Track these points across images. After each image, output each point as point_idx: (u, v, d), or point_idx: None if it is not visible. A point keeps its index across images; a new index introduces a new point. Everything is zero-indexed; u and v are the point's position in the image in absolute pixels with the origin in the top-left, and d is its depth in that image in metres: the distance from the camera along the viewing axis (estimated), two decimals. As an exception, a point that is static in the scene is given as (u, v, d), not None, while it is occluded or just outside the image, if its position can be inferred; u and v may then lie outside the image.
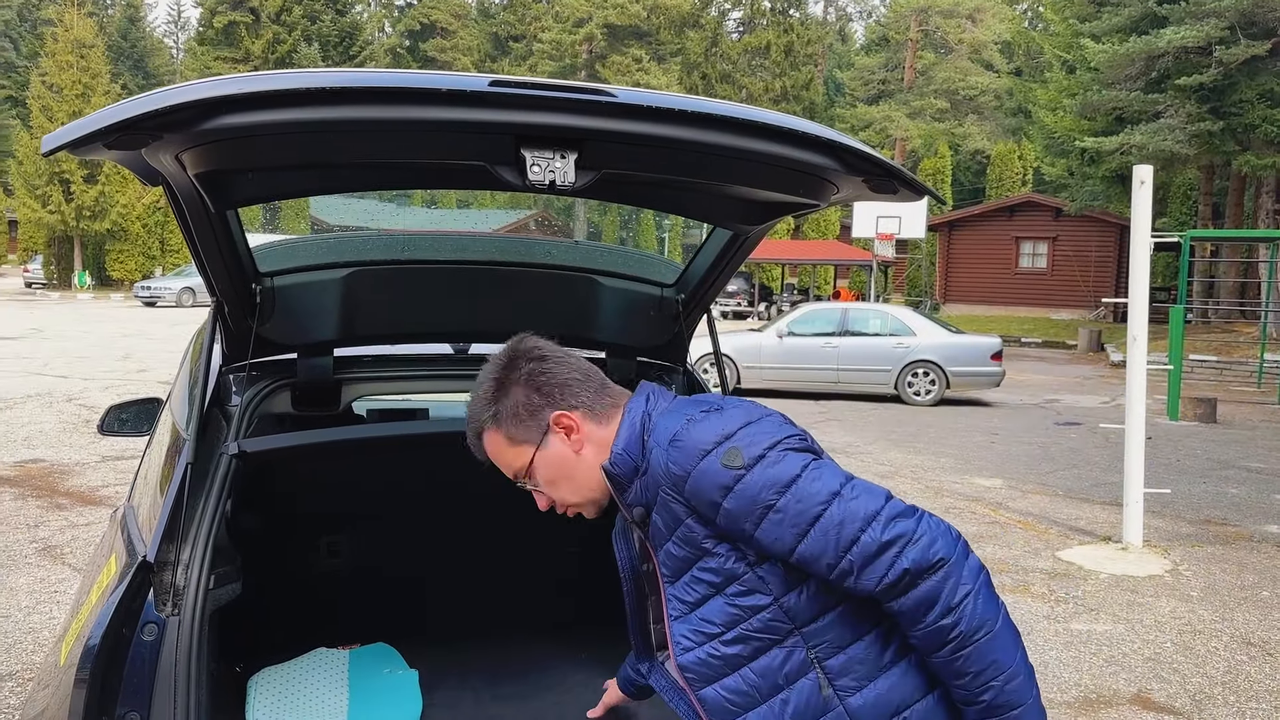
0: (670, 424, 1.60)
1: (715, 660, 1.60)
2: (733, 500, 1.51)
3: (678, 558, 1.61)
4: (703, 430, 1.55)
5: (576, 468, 1.70)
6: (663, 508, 1.60)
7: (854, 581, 1.48)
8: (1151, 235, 7.33)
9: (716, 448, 1.53)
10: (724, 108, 1.87)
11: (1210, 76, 22.86)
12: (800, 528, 1.49)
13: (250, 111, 1.64)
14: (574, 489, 1.72)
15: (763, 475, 1.51)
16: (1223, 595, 6.25)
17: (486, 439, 1.74)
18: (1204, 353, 21.89)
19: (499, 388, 1.73)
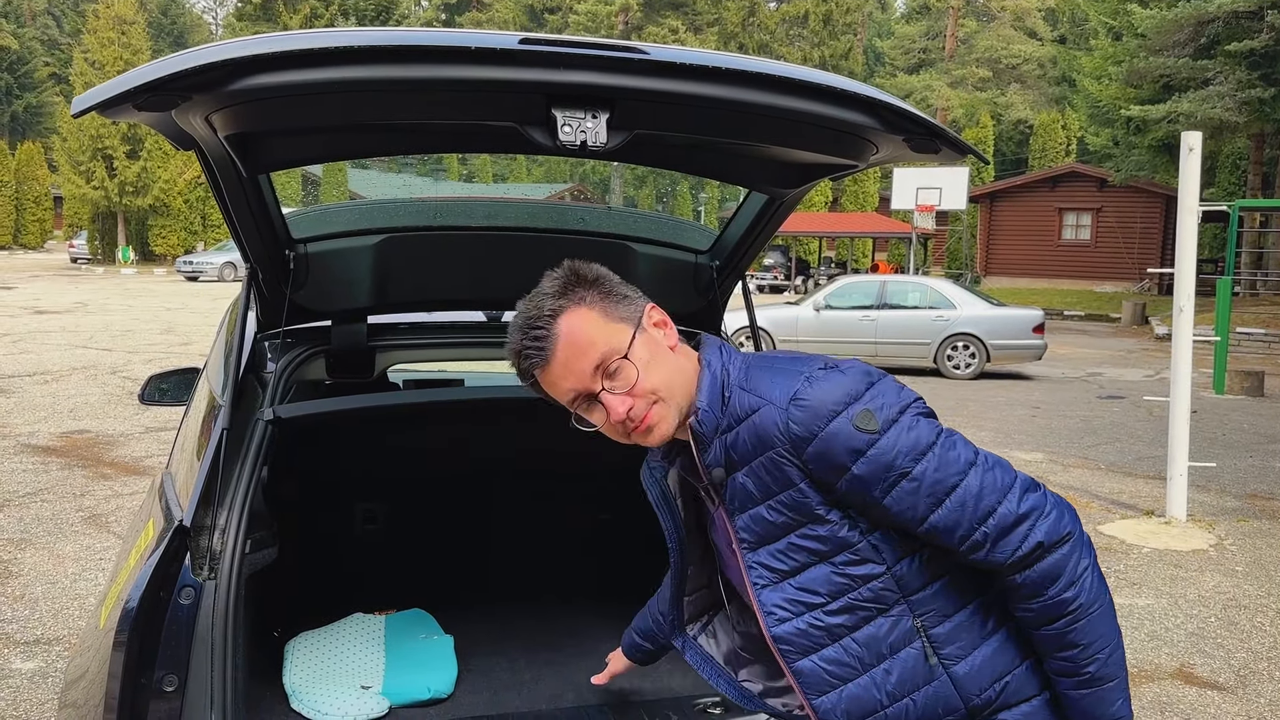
0: (783, 382, 1.49)
1: (817, 631, 1.52)
2: (864, 465, 1.43)
3: (772, 523, 1.51)
4: (828, 389, 1.46)
5: (674, 363, 1.55)
6: (765, 470, 1.49)
7: (985, 554, 1.44)
8: (1199, 204, 7.16)
9: (846, 409, 1.44)
10: (760, 64, 1.82)
11: (1262, 41, 22.25)
12: (936, 497, 1.43)
13: (279, 71, 1.62)
14: (668, 385, 1.53)
15: (898, 440, 1.44)
16: (1268, 570, 6.14)
17: (570, 322, 1.50)
18: (1252, 325, 21.44)
19: (575, 280, 1.55)
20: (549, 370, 1.51)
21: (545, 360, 1.50)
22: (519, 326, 1.53)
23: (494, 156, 50.56)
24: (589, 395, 1.51)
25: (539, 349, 1.50)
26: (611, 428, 1.54)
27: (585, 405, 1.53)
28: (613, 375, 1.50)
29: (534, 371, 1.52)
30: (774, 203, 2.59)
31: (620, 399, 1.50)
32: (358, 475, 3.21)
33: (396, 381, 3.68)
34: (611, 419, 1.51)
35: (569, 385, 1.51)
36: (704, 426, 1.53)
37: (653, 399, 1.51)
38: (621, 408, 1.50)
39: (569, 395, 1.53)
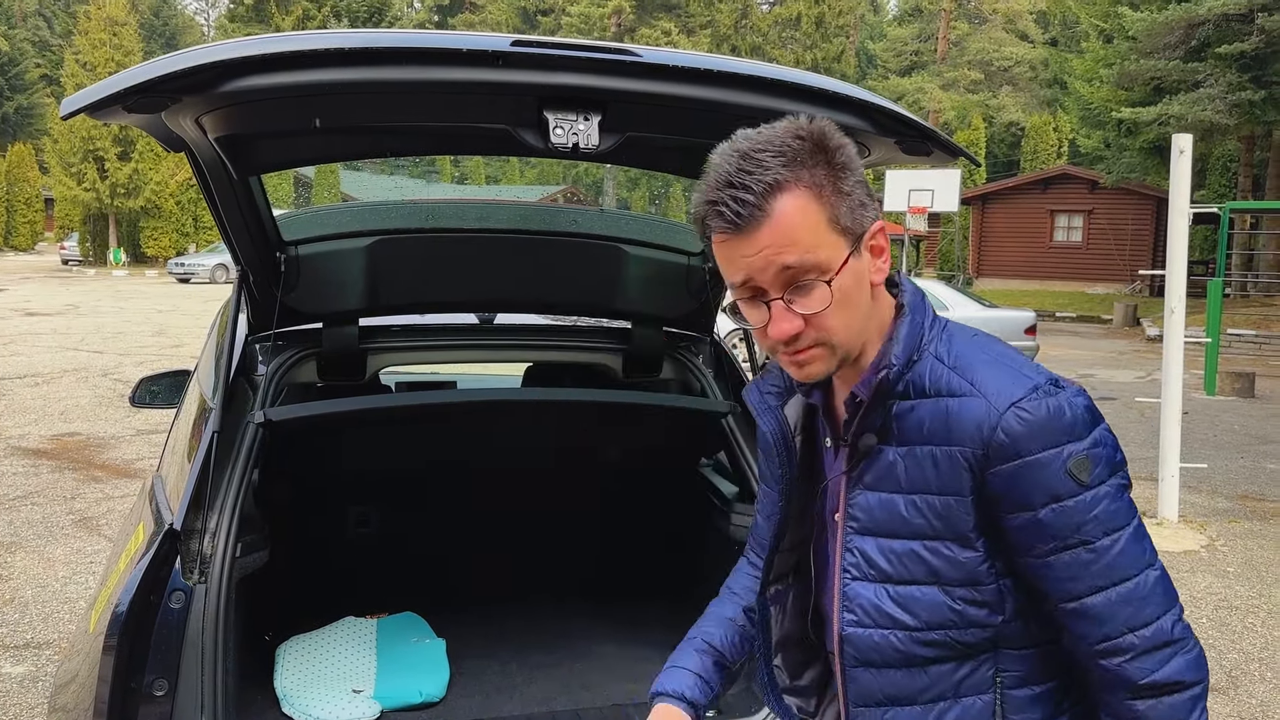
0: (1005, 380, 1.26)
1: (894, 651, 1.33)
2: (1053, 514, 1.23)
3: (904, 519, 1.30)
4: (1056, 414, 1.23)
5: (867, 305, 1.30)
6: (934, 462, 1.27)
7: (1118, 663, 1.26)
8: (1190, 206, 7.18)
9: (1066, 445, 1.23)
10: (751, 67, 1.83)
11: (1252, 44, 22.33)
12: (1105, 581, 1.25)
13: (270, 73, 1.62)
14: (848, 329, 1.28)
15: (1098, 504, 1.24)
16: (1260, 571, 6.15)
17: (790, 204, 1.21)
18: (1242, 327, 21.51)
19: (818, 153, 1.23)
20: (735, 240, 1.23)
21: (736, 229, 1.22)
22: (726, 174, 1.22)
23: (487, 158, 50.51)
24: (760, 292, 1.26)
25: (736, 214, 1.21)
26: (763, 335, 1.29)
27: (750, 298, 1.27)
28: (800, 290, 1.23)
29: (713, 230, 1.25)
30: (766, 205, 2.59)
31: (791, 319, 1.24)
32: (349, 478, 3.20)
33: (389, 384, 3.67)
34: (772, 332, 1.26)
35: (745, 269, 1.24)
36: (889, 385, 1.29)
37: (825, 338, 1.26)
38: (788, 328, 1.25)
39: (738, 277, 1.26)
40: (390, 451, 3.08)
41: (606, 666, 2.85)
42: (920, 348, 1.31)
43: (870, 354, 1.32)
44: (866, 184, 1.28)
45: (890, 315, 1.34)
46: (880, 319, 1.33)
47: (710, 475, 3.16)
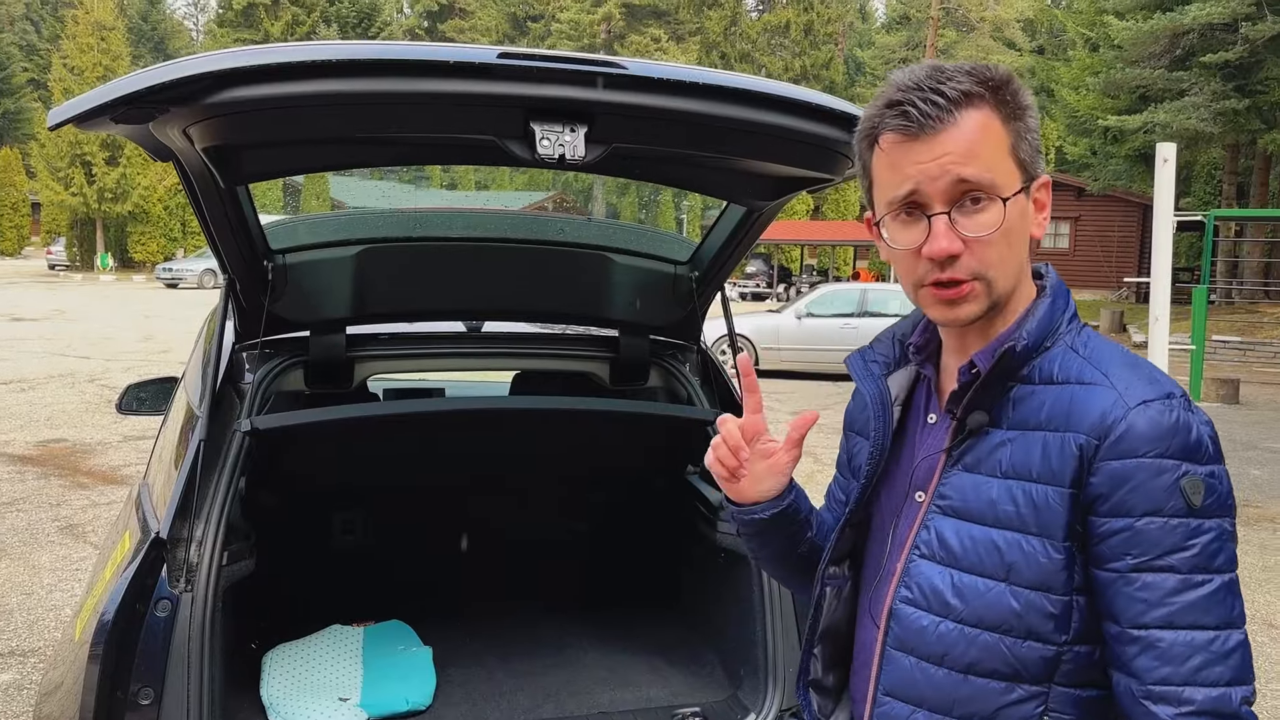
0: (1139, 378, 1.20)
1: (940, 643, 1.25)
2: (1150, 526, 1.14)
3: (993, 503, 1.22)
4: (1184, 427, 1.16)
5: (1023, 255, 1.25)
6: (1044, 448, 1.20)
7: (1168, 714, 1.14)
8: (1175, 214, 7.23)
9: (1185, 461, 1.15)
10: (735, 80, 1.85)
11: (1236, 53, 22.51)
12: (1182, 619, 1.14)
13: (257, 85, 1.63)
14: (1005, 271, 1.23)
15: (1200, 535, 1.15)
16: (1244, 577, 6.14)
17: (981, 119, 1.18)
18: (1227, 333, 21.65)
19: (1003, 90, 1.21)
20: (912, 144, 1.18)
21: (920, 130, 1.17)
22: (915, 79, 1.19)
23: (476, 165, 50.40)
24: (921, 205, 1.20)
25: (923, 114, 1.17)
26: (913, 260, 1.22)
27: (906, 213, 1.21)
28: (969, 210, 1.18)
29: (889, 132, 1.20)
30: (752, 215, 2.61)
31: (952, 238, 1.18)
32: (336, 486, 3.20)
33: (376, 391, 3.67)
34: (928, 250, 1.19)
35: (916, 178, 1.19)
36: (1012, 360, 1.23)
37: (982, 270, 1.20)
38: (947, 246, 1.18)
39: (904, 189, 1.20)
40: (377, 459, 3.08)
41: (593, 674, 2.86)
42: (1055, 334, 1.26)
43: (999, 326, 1.27)
44: (1039, 134, 1.26)
45: (1031, 295, 1.30)
46: (1024, 288, 1.28)
47: (697, 483, 3.17)
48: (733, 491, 1.41)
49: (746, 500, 1.41)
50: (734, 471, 1.37)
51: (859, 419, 1.45)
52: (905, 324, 1.44)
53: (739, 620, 2.64)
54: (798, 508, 1.44)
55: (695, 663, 2.88)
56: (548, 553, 3.42)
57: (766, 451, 1.38)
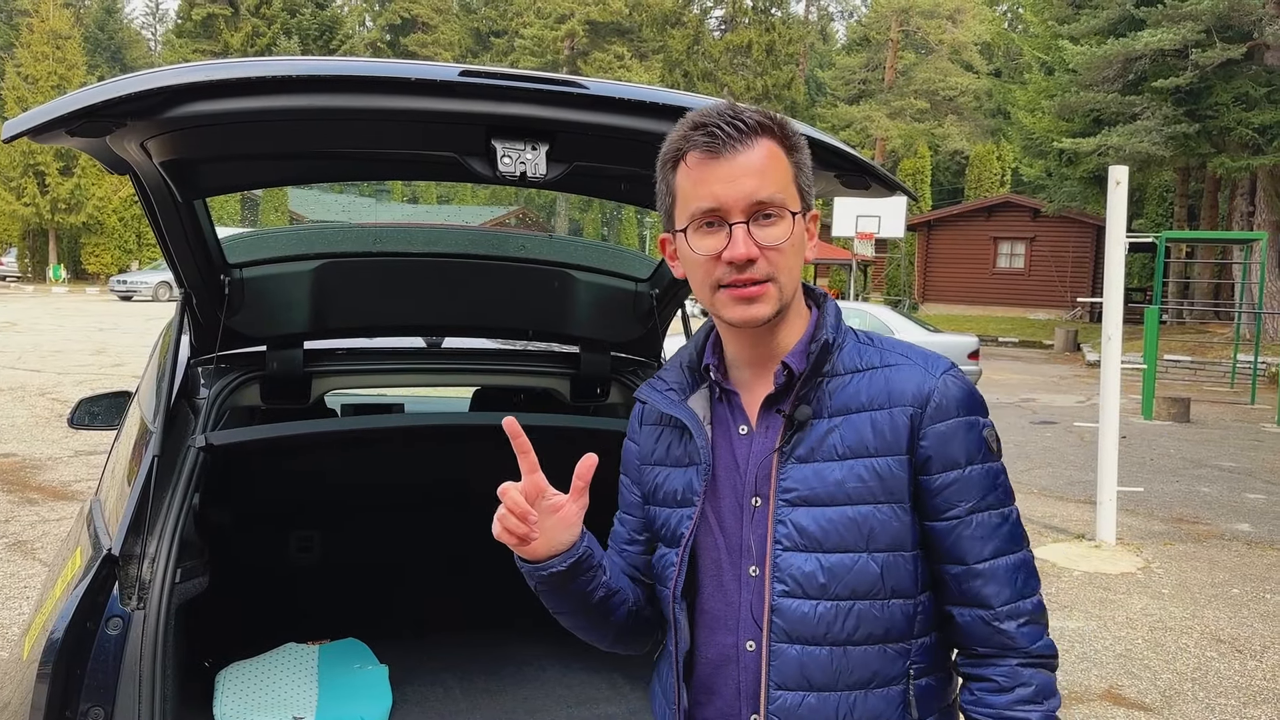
0: (926, 354, 1.43)
1: (821, 625, 1.36)
2: (977, 473, 1.38)
3: (840, 484, 1.35)
4: (973, 392, 1.42)
5: (799, 269, 1.41)
6: (873, 426, 1.37)
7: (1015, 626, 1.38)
8: (1127, 236, 7.38)
9: (984, 416, 1.42)
10: (693, 101, 1.86)
11: (1186, 79, 23.03)
12: (1008, 547, 1.39)
13: (216, 99, 1.62)
14: (790, 278, 1.38)
15: (1001, 474, 1.41)
16: (1194, 592, 6.30)
17: (771, 147, 1.35)
18: (1178, 353, 22.06)
19: (784, 132, 1.39)
20: (714, 163, 1.34)
21: (720, 151, 1.33)
22: (716, 109, 1.37)
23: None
24: (722, 216, 1.34)
25: (727, 136, 1.33)
26: (710, 266, 1.36)
27: (708, 224, 1.35)
28: (763, 223, 1.34)
29: (695, 152, 1.35)
30: (712, 234, 2.63)
31: (750, 245, 1.33)
32: (293, 502, 3.17)
33: (335, 407, 3.65)
34: (728, 254, 1.33)
35: (718, 195, 1.33)
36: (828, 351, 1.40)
37: (775, 274, 1.35)
38: (745, 251, 1.32)
39: (705, 205, 1.34)
40: (334, 475, 3.06)
41: (551, 692, 2.85)
42: (842, 334, 1.44)
43: (785, 336, 1.43)
44: (811, 175, 1.42)
45: (805, 313, 1.46)
46: (799, 305, 1.45)
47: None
48: (527, 553, 1.43)
49: (540, 558, 1.44)
50: (524, 537, 1.40)
51: (653, 451, 1.54)
52: (686, 353, 1.53)
53: None
54: (591, 552, 1.49)
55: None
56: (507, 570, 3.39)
57: (554, 507, 1.43)
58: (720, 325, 1.46)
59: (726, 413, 1.46)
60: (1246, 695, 4.71)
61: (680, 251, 1.42)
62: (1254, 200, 25.49)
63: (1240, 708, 4.56)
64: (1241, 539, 7.69)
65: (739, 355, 1.46)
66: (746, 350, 1.45)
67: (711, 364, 1.47)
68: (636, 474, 1.58)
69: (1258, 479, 10.14)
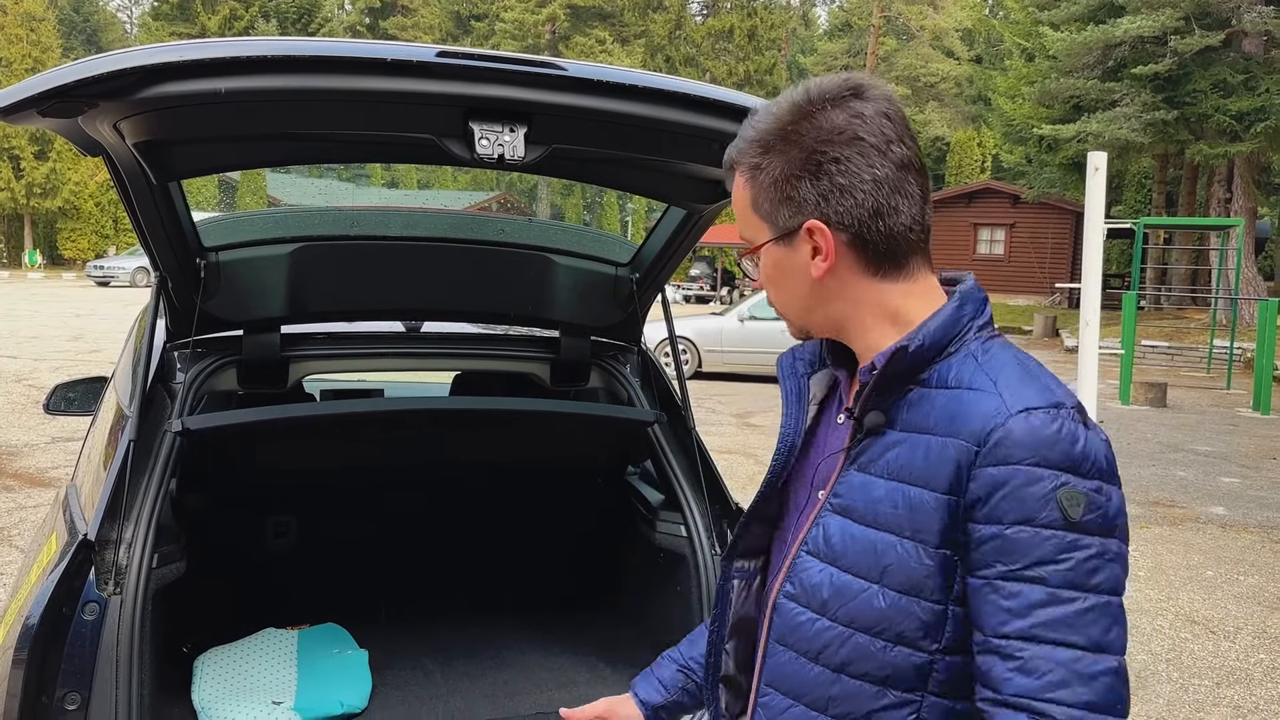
0: (1029, 388, 1.17)
1: (816, 641, 1.25)
2: (1020, 535, 1.11)
3: (873, 505, 1.22)
4: (1066, 438, 1.13)
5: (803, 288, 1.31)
6: (925, 453, 1.19)
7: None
8: (1106, 222, 7.42)
9: (1064, 473, 1.12)
10: (676, 84, 1.86)
11: (1165, 66, 23.16)
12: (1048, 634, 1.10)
13: (190, 79, 1.61)
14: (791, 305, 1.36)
15: (1075, 551, 1.11)
16: (1168, 575, 6.37)
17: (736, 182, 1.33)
18: (1155, 338, 22.25)
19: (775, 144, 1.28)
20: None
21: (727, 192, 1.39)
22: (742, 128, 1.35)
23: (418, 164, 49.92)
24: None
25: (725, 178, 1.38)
26: None
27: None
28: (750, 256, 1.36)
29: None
30: (692, 217, 2.63)
31: (755, 273, 1.36)
32: (270, 487, 3.16)
33: (314, 392, 3.63)
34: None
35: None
36: (908, 359, 1.22)
37: (775, 306, 1.37)
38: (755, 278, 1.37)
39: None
40: (313, 460, 3.04)
41: (531, 675, 2.86)
42: (961, 340, 1.25)
43: (879, 339, 1.28)
44: (796, 185, 1.25)
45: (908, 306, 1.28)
46: (883, 306, 1.28)
47: (636, 484, 3.19)
48: None
49: None
50: None
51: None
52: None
53: (679, 619, 2.65)
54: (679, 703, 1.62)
55: (635, 662, 2.89)
56: (487, 554, 3.41)
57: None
58: None
59: (836, 399, 1.39)
60: (1220, 675, 4.77)
61: None
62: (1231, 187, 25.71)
63: (1214, 688, 4.62)
64: (1216, 522, 7.77)
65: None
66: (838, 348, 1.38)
67: (829, 347, 1.40)
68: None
69: (1233, 463, 10.25)
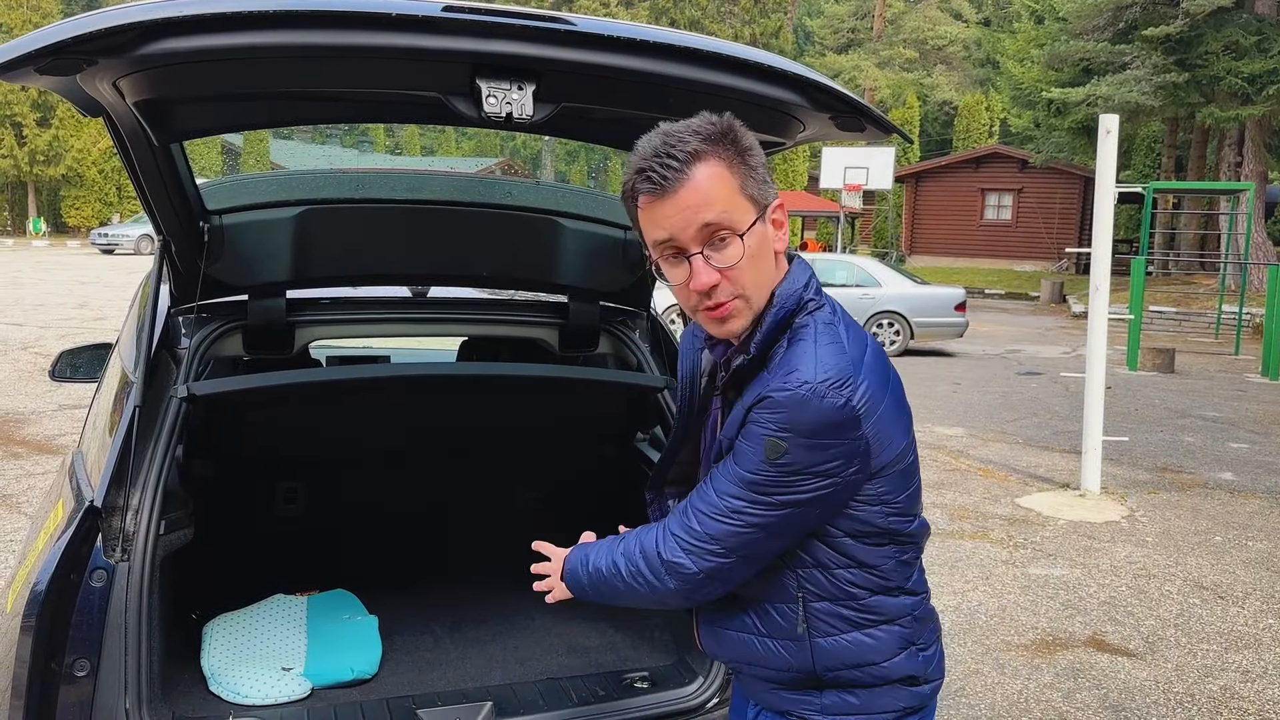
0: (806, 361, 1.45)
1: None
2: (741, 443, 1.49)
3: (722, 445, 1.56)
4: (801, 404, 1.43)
5: (771, 268, 1.51)
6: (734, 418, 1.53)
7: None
8: (1115, 186, 7.34)
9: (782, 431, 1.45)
10: (688, 39, 1.82)
11: (1177, 28, 22.87)
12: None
13: (191, 35, 1.57)
14: (757, 287, 1.49)
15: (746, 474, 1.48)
16: (1176, 540, 6.36)
17: (706, 171, 1.42)
18: (1164, 304, 22.14)
19: (728, 137, 1.45)
20: (660, 202, 1.43)
21: (663, 191, 1.42)
22: (653, 147, 1.44)
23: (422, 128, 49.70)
24: (681, 250, 1.46)
25: (663, 177, 1.41)
26: (685, 293, 1.49)
27: (672, 258, 1.47)
28: (717, 246, 1.44)
29: (642, 195, 1.45)
30: (702, 179, 2.58)
31: (710, 272, 1.45)
32: (277, 453, 3.14)
33: (320, 358, 3.61)
34: (693, 285, 1.46)
35: (670, 229, 1.44)
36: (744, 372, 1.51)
37: (740, 291, 1.47)
38: (707, 280, 1.45)
39: (662, 237, 1.46)
40: (320, 426, 3.03)
41: (541, 641, 2.85)
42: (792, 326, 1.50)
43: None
44: (767, 167, 1.50)
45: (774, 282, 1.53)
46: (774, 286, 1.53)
47: (646, 450, 3.17)
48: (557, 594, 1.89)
49: None
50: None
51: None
52: None
53: None
54: None
55: (643, 628, 2.89)
56: (496, 520, 3.39)
57: None
58: None
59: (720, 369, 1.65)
60: (1228, 640, 4.77)
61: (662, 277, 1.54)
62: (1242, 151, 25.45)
63: (1222, 653, 4.62)
64: (1224, 488, 7.75)
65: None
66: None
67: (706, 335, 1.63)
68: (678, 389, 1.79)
69: (1241, 429, 10.22)
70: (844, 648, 1.56)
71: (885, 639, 1.57)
